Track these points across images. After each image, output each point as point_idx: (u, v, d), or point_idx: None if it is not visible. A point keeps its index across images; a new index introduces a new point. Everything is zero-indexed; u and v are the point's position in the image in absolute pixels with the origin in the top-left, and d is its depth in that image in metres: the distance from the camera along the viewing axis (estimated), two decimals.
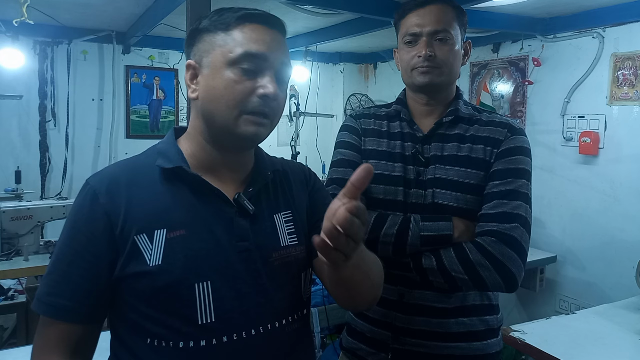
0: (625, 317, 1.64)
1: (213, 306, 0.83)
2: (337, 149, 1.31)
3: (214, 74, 0.86)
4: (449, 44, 1.20)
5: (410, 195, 1.21)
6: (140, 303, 0.83)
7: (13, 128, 3.60)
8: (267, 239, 0.91)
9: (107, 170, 0.91)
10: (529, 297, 3.34)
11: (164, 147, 0.92)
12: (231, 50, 0.85)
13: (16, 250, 2.56)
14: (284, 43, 0.92)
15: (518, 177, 1.17)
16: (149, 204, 0.85)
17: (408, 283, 1.19)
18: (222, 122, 0.86)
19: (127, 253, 0.82)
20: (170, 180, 0.88)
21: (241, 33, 0.85)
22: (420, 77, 1.20)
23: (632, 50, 2.77)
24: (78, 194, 0.88)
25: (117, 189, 0.85)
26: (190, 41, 0.91)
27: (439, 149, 1.22)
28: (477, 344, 1.21)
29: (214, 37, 0.87)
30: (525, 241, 1.12)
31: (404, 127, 1.27)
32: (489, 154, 1.20)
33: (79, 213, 0.86)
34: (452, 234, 1.13)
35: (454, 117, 1.24)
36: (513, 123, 1.24)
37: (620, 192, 2.84)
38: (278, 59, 0.88)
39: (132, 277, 0.82)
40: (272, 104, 0.86)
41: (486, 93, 3.65)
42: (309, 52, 4.06)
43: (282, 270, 0.92)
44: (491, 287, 1.11)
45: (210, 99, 0.86)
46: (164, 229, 0.84)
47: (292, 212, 0.97)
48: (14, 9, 2.52)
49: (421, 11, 1.21)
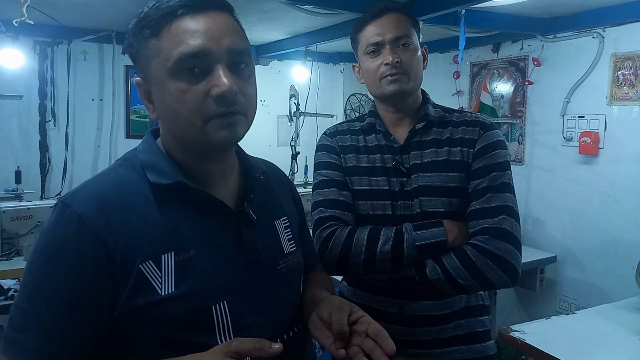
0: (625, 317, 1.64)
1: (231, 325, 0.77)
2: (317, 170, 1.30)
3: (160, 89, 0.75)
4: (410, 49, 1.22)
5: (398, 208, 1.21)
6: (153, 335, 0.74)
7: (13, 128, 3.60)
8: (272, 247, 0.88)
9: (89, 189, 0.77)
10: (529, 297, 3.34)
11: (150, 158, 0.81)
12: (167, 58, 0.72)
13: (16, 250, 2.56)
14: (228, 23, 0.76)
15: (499, 170, 1.18)
16: (149, 227, 0.75)
17: (407, 295, 1.20)
18: (190, 137, 0.76)
19: (132, 285, 0.72)
20: (166, 197, 0.78)
21: (170, 34, 0.73)
22: (390, 86, 1.21)
23: (632, 50, 2.77)
24: (53, 219, 0.73)
25: (109, 212, 0.73)
26: (131, 57, 0.80)
27: (419, 157, 1.23)
28: (476, 346, 1.22)
29: (146, 47, 0.75)
30: (516, 230, 1.13)
31: (380, 140, 1.27)
32: (466, 155, 1.20)
33: (62, 243, 0.71)
34: (446, 239, 1.13)
35: (426, 122, 1.24)
36: (484, 119, 1.25)
37: (620, 192, 2.84)
38: (223, 46, 0.73)
39: (141, 310, 0.72)
40: (235, 99, 0.74)
41: (486, 93, 3.65)
42: (309, 52, 4.06)
43: (289, 278, 0.89)
44: (497, 285, 1.12)
45: (169, 118, 0.76)
46: (171, 252, 0.74)
47: (288, 217, 0.95)
48: (14, 9, 2.51)
49: (378, 21, 1.22)
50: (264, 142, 4.41)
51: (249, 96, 0.78)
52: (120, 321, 0.73)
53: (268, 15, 3.05)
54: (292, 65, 4.44)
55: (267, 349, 0.68)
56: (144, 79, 0.78)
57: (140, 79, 0.79)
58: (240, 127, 0.77)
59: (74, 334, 0.71)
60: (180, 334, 0.74)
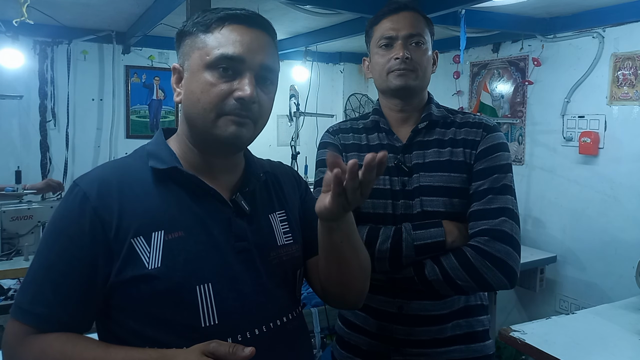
0: (625, 317, 1.64)
1: (215, 308, 0.82)
2: (318, 167, 1.30)
3: (192, 77, 0.84)
4: (422, 48, 1.23)
5: (399, 207, 1.21)
6: (139, 309, 0.80)
7: (13, 128, 3.60)
8: (264, 239, 0.92)
9: (96, 171, 0.87)
10: (529, 297, 3.34)
11: (154, 149, 0.90)
12: (208, 53, 0.83)
13: (16, 250, 2.56)
14: (267, 43, 0.87)
15: (500, 172, 1.18)
16: (143, 206, 0.83)
17: (406, 295, 1.20)
18: (201, 126, 0.84)
19: (123, 257, 0.79)
20: (164, 182, 0.86)
21: (219, 35, 0.84)
22: (397, 80, 1.21)
23: (632, 50, 2.77)
24: (65, 196, 0.84)
25: (109, 191, 0.82)
26: (177, 44, 0.90)
27: (421, 157, 1.23)
28: (475, 346, 1.22)
29: (195, 40, 0.85)
30: (516, 232, 1.13)
31: (383, 139, 1.27)
32: (468, 156, 1.21)
33: (67, 216, 0.81)
34: (444, 240, 1.13)
35: (429, 122, 1.25)
36: (487, 121, 1.25)
37: (620, 192, 2.84)
38: (257, 60, 0.84)
39: (129, 282, 0.79)
40: (251, 107, 0.84)
41: (486, 93, 3.65)
42: (309, 52, 4.06)
43: (280, 269, 0.92)
44: (496, 287, 1.12)
45: (190, 102, 0.85)
46: (161, 231, 0.81)
47: (285, 211, 0.98)
48: (14, 9, 2.52)
49: (395, 17, 1.23)
50: (264, 142, 4.41)
51: (263, 108, 0.87)
52: (112, 292, 0.80)
53: (268, 15, 3.03)
54: (292, 65, 4.44)
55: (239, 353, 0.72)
56: (181, 65, 0.88)
57: (178, 65, 0.89)
58: (246, 130, 0.85)
59: (66, 298, 0.79)
60: (164, 310, 0.80)
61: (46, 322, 0.79)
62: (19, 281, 2.75)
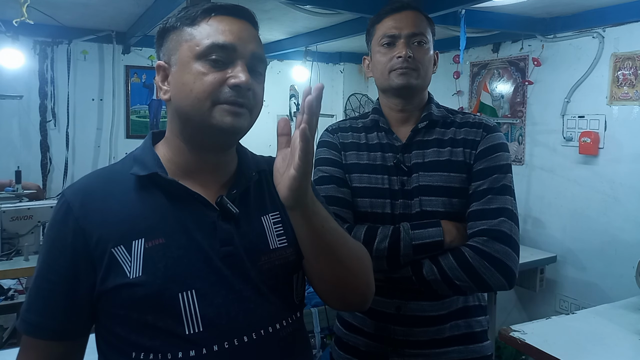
0: (625, 317, 1.64)
1: (200, 315, 0.79)
2: (317, 166, 1.29)
3: (182, 69, 0.83)
4: (424, 48, 1.23)
5: (398, 207, 1.21)
6: (124, 317, 0.80)
7: (13, 128, 3.61)
8: (254, 242, 0.87)
9: (82, 181, 0.88)
10: (529, 297, 3.34)
11: (140, 154, 0.89)
12: (198, 44, 0.82)
13: (16, 250, 2.56)
14: (254, 34, 0.87)
15: (500, 173, 1.17)
16: (124, 214, 0.82)
17: (405, 295, 1.19)
18: (196, 117, 0.82)
19: (105, 267, 0.79)
20: (146, 188, 0.84)
21: (207, 25, 0.83)
22: (399, 79, 1.21)
23: (632, 50, 2.77)
24: (54, 206, 0.86)
25: (92, 200, 0.83)
26: (159, 42, 0.88)
27: (420, 156, 1.22)
28: (474, 346, 1.22)
29: (181, 34, 0.84)
30: (515, 233, 1.13)
31: (382, 138, 1.27)
32: (468, 156, 1.20)
33: (54, 227, 0.83)
34: (443, 239, 1.13)
35: (429, 121, 1.25)
36: (487, 121, 1.25)
37: (620, 192, 2.84)
38: (248, 49, 0.83)
39: (113, 291, 0.79)
40: (246, 94, 0.82)
41: (486, 93, 3.65)
42: (309, 52, 4.06)
43: (272, 274, 0.88)
44: (494, 287, 1.11)
45: (182, 95, 0.82)
46: (141, 239, 0.80)
47: (280, 213, 0.93)
48: (14, 9, 2.52)
49: (397, 15, 1.23)
50: (264, 141, 4.37)
51: (257, 96, 0.85)
52: (99, 301, 0.81)
53: (268, 15, 3.05)
54: (292, 65, 4.44)
55: None
56: (166, 62, 0.86)
57: (163, 62, 0.87)
58: (243, 119, 0.83)
59: (54, 307, 0.81)
60: (146, 317, 0.79)
61: (39, 330, 0.82)
62: (19, 281, 2.75)
